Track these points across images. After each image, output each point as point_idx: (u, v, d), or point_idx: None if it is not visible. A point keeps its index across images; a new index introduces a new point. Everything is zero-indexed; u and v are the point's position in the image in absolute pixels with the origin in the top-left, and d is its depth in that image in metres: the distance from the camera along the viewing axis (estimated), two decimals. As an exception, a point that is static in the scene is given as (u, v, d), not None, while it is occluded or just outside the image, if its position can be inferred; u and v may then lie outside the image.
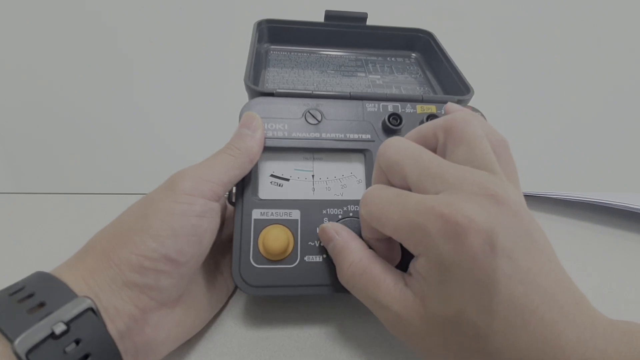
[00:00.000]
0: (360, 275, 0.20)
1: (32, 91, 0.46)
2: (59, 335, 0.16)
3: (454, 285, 0.16)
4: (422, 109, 0.27)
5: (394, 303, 0.18)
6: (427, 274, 0.17)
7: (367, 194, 0.20)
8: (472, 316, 0.16)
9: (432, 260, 0.16)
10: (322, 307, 0.26)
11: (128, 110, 0.44)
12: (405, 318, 0.18)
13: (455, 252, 0.15)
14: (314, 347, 0.24)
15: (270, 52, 0.36)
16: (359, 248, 0.21)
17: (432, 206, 0.16)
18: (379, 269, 0.20)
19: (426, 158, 0.19)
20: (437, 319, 0.17)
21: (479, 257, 0.15)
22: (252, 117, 0.25)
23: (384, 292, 0.19)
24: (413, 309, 0.17)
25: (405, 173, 0.19)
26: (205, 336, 0.24)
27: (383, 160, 0.20)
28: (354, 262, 0.20)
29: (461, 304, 0.16)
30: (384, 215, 0.19)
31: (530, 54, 0.58)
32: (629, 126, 0.50)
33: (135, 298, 0.19)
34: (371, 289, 0.19)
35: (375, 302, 0.19)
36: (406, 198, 0.18)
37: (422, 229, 0.16)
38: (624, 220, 0.37)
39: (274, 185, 0.25)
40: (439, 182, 0.18)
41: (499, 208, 0.16)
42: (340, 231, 0.22)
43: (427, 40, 0.37)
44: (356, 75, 0.34)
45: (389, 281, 0.19)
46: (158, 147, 0.40)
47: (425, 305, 0.17)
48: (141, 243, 0.19)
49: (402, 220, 0.17)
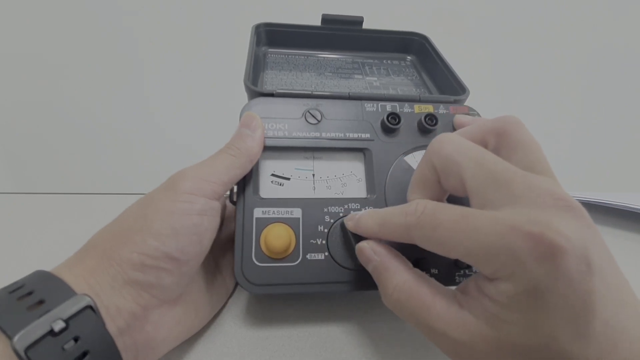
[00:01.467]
0: (406, 299, 0.18)
1: (32, 91, 0.46)
2: (58, 332, 0.16)
3: (546, 312, 0.14)
4: (419, 109, 0.27)
5: (451, 329, 0.16)
6: (510, 300, 0.15)
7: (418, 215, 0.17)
8: (565, 344, 0.14)
9: (521, 286, 0.14)
10: (322, 307, 0.26)
11: (128, 111, 0.44)
12: (466, 344, 0.16)
13: (551, 276, 0.14)
14: (314, 347, 0.24)
15: (269, 55, 0.36)
16: (401, 269, 0.19)
17: (515, 225, 0.14)
18: (427, 292, 0.17)
19: (491, 161, 0.17)
20: (516, 347, 0.15)
21: (576, 280, 0.14)
22: (252, 117, 0.24)
23: (435, 318, 0.16)
24: (477, 334, 0.15)
25: (464, 176, 0.17)
26: (205, 336, 0.24)
27: (439, 158, 0.18)
28: (398, 286, 0.18)
29: (553, 332, 0.14)
30: (450, 240, 0.16)
31: (528, 54, 0.59)
32: (628, 126, 0.50)
33: (137, 295, 0.18)
34: (421, 315, 0.17)
35: (427, 327, 0.17)
36: (475, 218, 0.16)
37: (508, 252, 0.14)
38: (624, 220, 0.37)
39: (274, 184, 0.25)
40: (506, 191, 0.16)
41: (580, 221, 0.15)
42: (379, 250, 0.20)
43: (422, 43, 0.37)
44: (353, 77, 0.34)
45: (441, 304, 0.17)
46: (158, 147, 0.40)
47: (499, 331, 0.15)
48: (142, 242, 0.19)
49: (475, 244, 0.15)
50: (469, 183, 0.17)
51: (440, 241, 0.17)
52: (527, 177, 0.16)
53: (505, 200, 0.16)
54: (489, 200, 0.16)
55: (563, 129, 0.49)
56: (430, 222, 0.17)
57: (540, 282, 0.14)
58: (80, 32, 0.53)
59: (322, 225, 0.24)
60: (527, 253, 0.14)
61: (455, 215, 0.16)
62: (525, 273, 0.14)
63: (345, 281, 0.23)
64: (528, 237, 0.14)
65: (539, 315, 0.14)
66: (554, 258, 0.14)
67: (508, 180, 0.16)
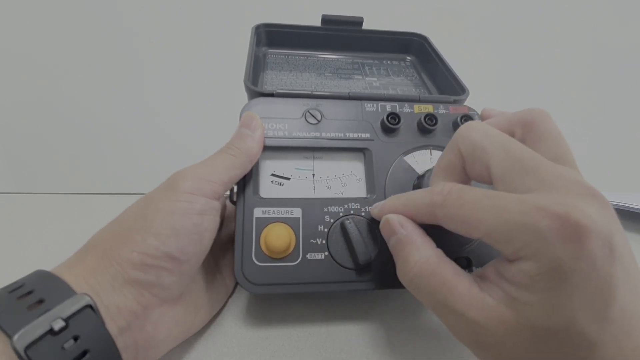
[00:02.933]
0: (428, 276, 0.17)
1: (32, 91, 0.46)
2: (57, 331, 0.16)
3: (568, 292, 0.14)
4: (419, 109, 0.27)
5: (470, 310, 0.16)
6: (531, 280, 0.15)
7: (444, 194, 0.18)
8: (585, 325, 0.14)
9: (544, 265, 0.14)
10: (322, 307, 0.26)
11: (128, 111, 0.44)
12: (483, 326, 0.16)
13: (575, 257, 0.14)
14: (314, 347, 0.23)
15: (268, 56, 0.36)
16: (427, 245, 0.19)
17: (542, 205, 0.14)
18: (450, 271, 0.17)
19: (518, 149, 0.17)
20: (535, 329, 0.15)
21: (599, 262, 0.14)
22: (252, 117, 0.24)
23: (457, 297, 0.16)
24: (495, 317, 0.15)
25: (490, 162, 0.17)
26: (205, 336, 0.24)
27: (466, 144, 0.18)
28: (420, 261, 0.18)
29: (573, 313, 0.14)
30: (474, 217, 0.16)
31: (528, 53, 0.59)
32: (628, 126, 0.50)
33: (137, 294, 0.19)
34: (442, 293, 0.17)
35: (444, 308, 0.17)
36: (500, 198, 0.16)
37: (533, 230, 0.14)
38: (624, 220, 0.37)
39: (274, 184, 0.25)
40: (532, 178, 0.16)
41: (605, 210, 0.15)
42: (406, 224, 0.19)
43: (421, 43, 0.37)
44: (353, 77, 0.34)
45: (463, 285, 0.17)
46: (158, 147, 0.40)
47: (518, 314, 0.15)
48: (142, 241, 0.19)
49: (499, 221, 0.15)
50: (494, 169, 0.17)
51: (464, 219, 0.17)
52: (554, 166, 0.16)
53: (531, 186, 0.16)
54: (515, 186, 0.16)
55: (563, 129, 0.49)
56: (457, 201, 0.17)
57: (564, 261, 0.14)
58: (81, 32, 0.53)
59: (322, 225, 0.24)
60: (553, 232, 0.14)
61: (481, 195, 0.16)
62: (549, 252, 0.14)
63: (345, 281, 0.23)
64: (554, 216, 0.14)
65: (560, 296, 0.14)
66: (579, 238, 0.14)
67: (534, 167, 0.16)
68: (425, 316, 0.26)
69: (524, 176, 0.16)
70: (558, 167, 0.16)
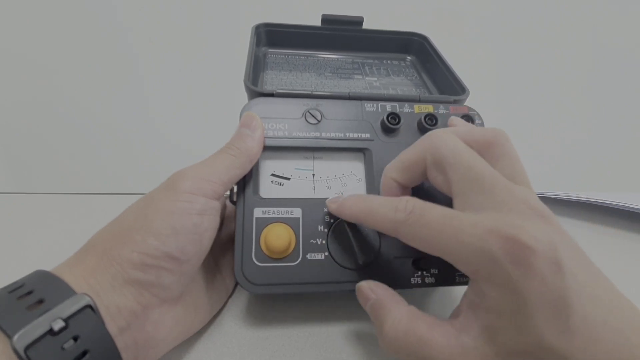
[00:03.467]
0: (403, 337, 0.18)
1: (32, 91, 0.46)
2: (57, 331, 0.16)
3: (528, 312, 0.15)
4: (419, 109, 0.27)
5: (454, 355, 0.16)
6: (496, 303, 0.16)
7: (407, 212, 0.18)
8: (552, 341, 0.15)
9: (501, 288, 0.15)
10: (322, 307, 0.26)
11: (128, 111, 0.44)
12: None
13: (524, 277, 0.15)
14: (314, 347, 0.23)
15: (268, 55, 0.36)
16: (397, 306, 0.19)
17: (492, 228, 0.15)
18: (424, 326, 0.18)
19: (480, 168, 0.18)
20: (513, 354, 0.15)
21: (549, 278, 0.15)
22: (252, 117, 0.24)
23: (437, 351, 0.17)
24: (477, 356, 0.16)
25: (451, 177, 0.18)
26: (205, 336, 0.24)
27: (433, 153, 0.19)
28: (394, 322, 0.18)
29: (539, 330, 0.15)
30: (434, 240, 0.17)
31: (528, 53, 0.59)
32: (628, 126, 0.50)
33: (137, 294, 0.18)
34: (421, 351, 0.17)
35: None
36: (457, 219, 0.17)
37: (487, 254, 0.15)
38: (624, 220, 0.37)
39: (274, 184, 0.25)
40: (489, 196, 0.17)
41: (551, 227, 0.16)
42: (375, 289, 0.20)
43: (421, 43, 0.37)
44: (353, 77, 0.34)
45: (439, 337, 0.17)
46: (158, 147, 0.40)
47: (495, 344, 0.16)
48: (142, 241, 0.19)
49: (458, 245, 0.16)
50: (455, 185, 0.18)
51: (425, 240, 0.18)
52: (509, 186, 0.17)
53: (486, 205, 0.17)
54: (471, 204, 0.17)
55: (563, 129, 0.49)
56: (418, 221, 0.18)
57: (518, 283, 0.15)
58: (81, 32, 0.53)
59: (322, 225, 0.24)
60: (504, 255, 0.15)
61: (441, 216, 0.17)
62: (504, 274, 0.15)
63: (345, 281, 0.23)
64: (504, 239, 0.15)
65: (523, 316, 0.15)
66: (526, 259, 0.15)
67: (491, 186, 0.17)
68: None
69: (481, 194, 0.17)
70: (513, 186, 0.17)
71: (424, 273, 0.23)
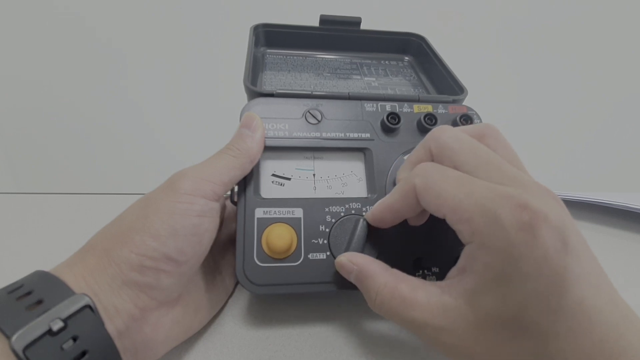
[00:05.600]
0: (389, 300, 0.18)
1: (32, 92, 0.46)
2: (56, 332, 0.15)
3: (518, 281, 0.15)
4: (418, 109, 0.27)
5: (433, 318, 0.17)
6: (485, 267, 0.16)
7: (424, 167, 0.19)
8: (535, 316, 0.14)
9: (496, 251, 0.15)
10: (322, 307, 0.26)
11: (128, 111, 0.44)
12: (447, 329, 0.16)
13: (527, 245, 0.14)
14: (314, 347, 0.23)
15: (267, 56, 0.36)
16: (379, 271, 0.19)
17: (508, 194, 0.15)
18: (406, 288, 0.18)
19: (484, 151, 0.18)
20: (491, 320, 0.15)
21: (551, 253, 0.14)
22: (252, 118, 0.24)
23: (419, 311, 0.17)
24: (457, 316, 0.16)
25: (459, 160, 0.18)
26: (205, 336, 0.23)
27: (436, 143, 0.19)
28: (379, 288, 0.19)
29: (524, 302, 0.15)
30: (445, 191, 0.17)
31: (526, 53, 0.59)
32: (628, 126, 0.50)
33: (135, 297, 0.18)
34: (405, 311, 0.18)
35: (412, 323, 0.17)
36: (473, 180, 0.17)
37: (493, 215, 0.15)
38: (624, 220, 0.37)
39: (275, 184, 0.25)
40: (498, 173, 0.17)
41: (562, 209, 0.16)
42: (354, 258, 0.21)
43: (419, 44, 0.37)
44: (352, 77, 0.34)
45: (421, 297, 0.17)
46: (158, 147, 0.40)
47: (475, 307, 0.16)
48: (141, 243, 0.18)
49: (468, 200, 0.16)
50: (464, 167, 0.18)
51: (435, 190, 0.18)
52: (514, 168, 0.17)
53: (497, 180, 0.17)
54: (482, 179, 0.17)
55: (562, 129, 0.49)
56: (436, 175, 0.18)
57: (516, 249, 0.15)
58: (81, 32, 0.53)
59: (323, 225, 0.23)
60: (511, 220, 0.15)
61: (455, 173, 0.18)
62: (503, 238, 0.15)
63: (346, 281, 0.23)
64: (517, 206, 0.15)
65: (511, 284, 0.15)
66: (533, 228, 0.14)
67: (499, 166, 0.17)
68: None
69: (491, 172, 0.17)
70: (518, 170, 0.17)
71: (425, 272, 0.23)
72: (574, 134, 0.48)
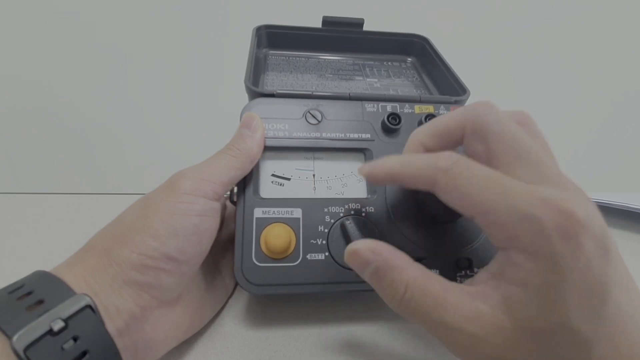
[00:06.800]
0: (420, 296, 0.16)
1: (32, 92, 0.46)
2: (57, 332, 0.15)
3: (563, 290, 0.14)
4: (420, 109, 0.27)
5: (467, 323, 0.15)
6: (527, 275, 0.15)
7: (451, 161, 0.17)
8: (579, 324, 0.14)
9: (540, 259, 0.14)
10: (322, 307, 0.26)
11: (129, 111, 0.44)
12: (483, 339, 0.15)
13: (571, 254, 0.14)
14: (314, 347, 0.23)
15: (269, 57, 0.36)
16: (409, 264, 0.17)
17: (547, 198, 0.14)
18: (438, 286, 0.16)
19: (527, 142, 0.17)
20: (532, 331, 0.15)
21: (595, 262, 0.14)
22: (252, 118, 0.24)
23: (452, 313, 0.16)
24: (493, 325, 0.15)
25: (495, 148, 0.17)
26: (205, 336, 0.24)
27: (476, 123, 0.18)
28: (409, 282, 0.17)
29: (569, 311, 0.14)
30: (478, 194, 0.16)
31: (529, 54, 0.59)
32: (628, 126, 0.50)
33: (136, 296, 0.18)
34: (436, 312, 0.16)
35: (442, 326, 0.16)
36: (506, 179, 0.16)
37: (535, 222, 0.14)
38: (624, 220, 0.37)
39: (275, 184, 0.25)
40: (536, 172, 0.16)
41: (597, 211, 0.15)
42: (379, 248, 0.18)
43: (422, 45, 0.37)
44: (354, 79, 0.34)
45: (454, 298, 0.16)
46: (158, 147, 0.40)
47: (514, 318, 0.15)
48: (142, 242, 0.19)
49: (502, 204, 0.15)
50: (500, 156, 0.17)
51: (467, 193, 0.16)
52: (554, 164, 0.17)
53: (535, 179, 0.16)
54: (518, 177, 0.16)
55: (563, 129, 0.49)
56: (463, 172, 0.16)
57: (561, 258, 0.14)
58: (81, 32, 0.53)
59: (322, 225, 0.23)
60: (554, 227, 0.14)
61: (490, 172, 0.16)
62: (548, 247, 0.14)
63: (345, 281, 0.22)
64: (558, 211, 0.14)
65: (555, 293, 0.14)
66: (577, 236, 0.14)
67: (538, 161, 0.16)
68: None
69: (529, 168, 0.16)
70: (557, 166, 0.17)
71: None
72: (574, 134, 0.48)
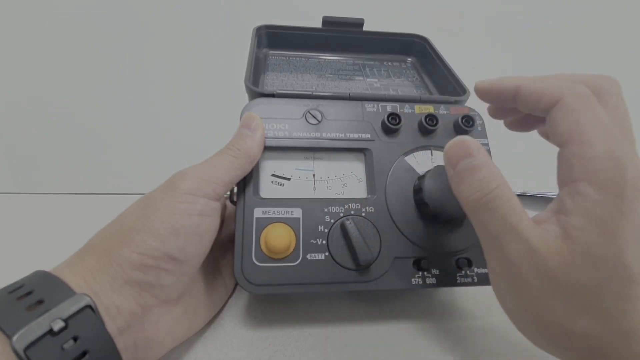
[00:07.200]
0: (506, 199, 0.17)
1: (32, 92, 0.46)
2: (57, 332, 0.16)
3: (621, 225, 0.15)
4: (420, 109, 0.27)
5: (535, 238, 0.16)
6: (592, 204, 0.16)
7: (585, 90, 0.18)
8: (630, 260, 0.15)
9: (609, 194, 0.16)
10: (322, 307, 0.26)
11: (129, 111, 0.44)
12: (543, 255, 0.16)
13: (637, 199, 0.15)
14: (314, 347, 0.23)
15: (269, 57, 0.36)
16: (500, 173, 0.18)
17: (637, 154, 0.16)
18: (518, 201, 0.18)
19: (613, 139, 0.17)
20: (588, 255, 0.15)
21: None
22: (252, 118, 0.24)
23: (525, 223, 0.17)
24: (553, 248, 0.16)
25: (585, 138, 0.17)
26: (205, 336, 0.24)
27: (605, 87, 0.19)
28: (501, 184, 0.18)
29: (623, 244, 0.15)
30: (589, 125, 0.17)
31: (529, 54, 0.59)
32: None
33: (137, 295, 0.19)
34: (513, 217, 0.17)
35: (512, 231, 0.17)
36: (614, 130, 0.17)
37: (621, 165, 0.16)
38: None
39: (275, 184, 0.25)
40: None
41: None
42: (483, 150, 0.19)
43: (422, 45, 0.37)
44: (354, 79, 0.34)
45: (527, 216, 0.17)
46: (159, 147, 0.40)
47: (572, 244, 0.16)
48: (142, 242, 0.19)
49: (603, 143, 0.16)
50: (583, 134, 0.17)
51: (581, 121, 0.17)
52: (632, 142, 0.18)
53: None
54: None
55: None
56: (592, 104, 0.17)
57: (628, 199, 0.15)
58: (82, 32, 0.53)
59: (322, 225, 0.23)
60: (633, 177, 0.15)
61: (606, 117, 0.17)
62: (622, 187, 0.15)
63: (345, 281, 0.23)
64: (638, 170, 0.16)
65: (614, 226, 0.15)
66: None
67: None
68: (426, 316, 0.26)
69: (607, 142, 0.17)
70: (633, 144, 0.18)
71: (425, 274, 0.23)
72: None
